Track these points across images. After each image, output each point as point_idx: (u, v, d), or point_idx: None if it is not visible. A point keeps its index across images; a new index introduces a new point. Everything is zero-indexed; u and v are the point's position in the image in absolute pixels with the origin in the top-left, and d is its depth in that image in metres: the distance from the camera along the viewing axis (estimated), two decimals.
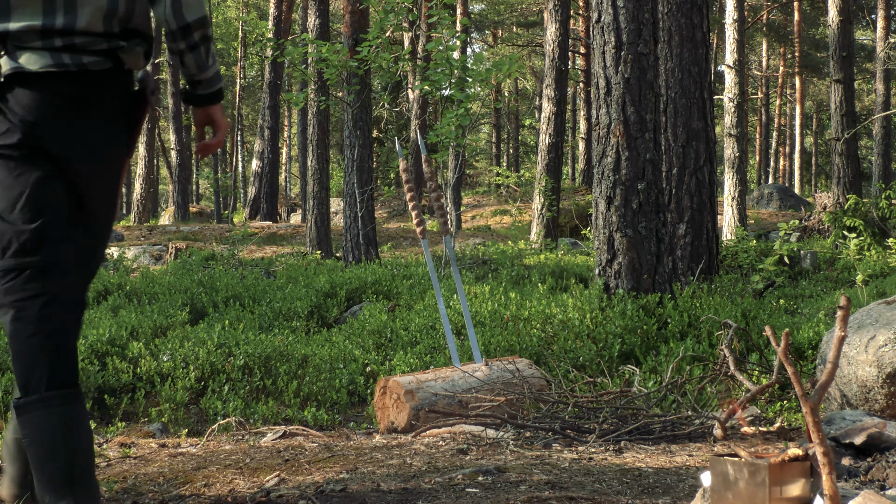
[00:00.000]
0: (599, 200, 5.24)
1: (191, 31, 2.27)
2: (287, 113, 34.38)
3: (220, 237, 16.31)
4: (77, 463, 2.05)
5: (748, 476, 1.93)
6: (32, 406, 2.07)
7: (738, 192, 14.63)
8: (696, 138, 7.73)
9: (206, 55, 2.31)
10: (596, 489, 2.40)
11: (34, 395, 2.08)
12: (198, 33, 2.27)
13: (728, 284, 7.23)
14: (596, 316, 4.78)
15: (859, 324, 3.22)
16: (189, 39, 2.28)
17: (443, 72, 8.74)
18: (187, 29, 2.26)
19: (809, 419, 1.81)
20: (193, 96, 2.39)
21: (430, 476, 2.50)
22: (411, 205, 3.90)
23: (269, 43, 15.12)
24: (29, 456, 2.07)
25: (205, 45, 2.30)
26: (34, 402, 2.07)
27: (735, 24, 15.18)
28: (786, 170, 38.31)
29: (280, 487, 2.41)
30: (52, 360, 2.11)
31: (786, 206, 22.58)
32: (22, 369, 2.10)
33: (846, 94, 14.75)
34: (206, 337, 4.96)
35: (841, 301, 1.83)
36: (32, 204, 2.15)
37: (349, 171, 10.81)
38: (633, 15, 5.22)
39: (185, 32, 2.27)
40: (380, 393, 3.54)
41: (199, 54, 2.30)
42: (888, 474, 2.34)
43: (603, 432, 3.12)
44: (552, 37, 14.97)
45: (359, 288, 7.10)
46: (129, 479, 2.59)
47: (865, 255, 10.31)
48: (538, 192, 14.77)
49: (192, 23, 2.25)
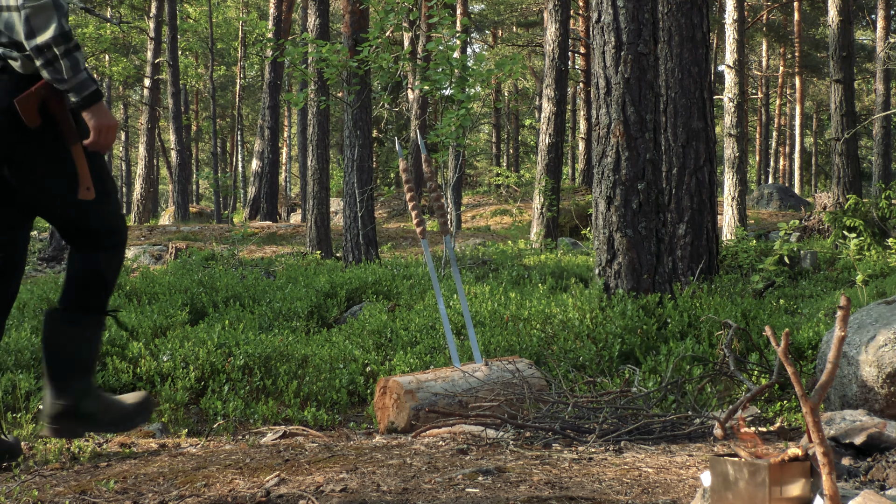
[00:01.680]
0: (599, 200, 5.24)
1: (43, 51, 2.61)
2: (287, 113, 34.38)
3: (220, 237, 16.31)
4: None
5: (748, 476, 1.93)
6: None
7: (738, 192, 14.63)
8: (696, 138, 7.73)
9: (64, 69, 2.63)
10: (596, 489, 2.40)
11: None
12: (51, 52, 2.61)
13: (728, 284, 7.23)
14: (596, 316, 4.78)
15: (859, 324, 3.22)
16: (43, 57, 2.61)
17: (443, 72, 8.73)
18: (39, 50, 2.60)
19: (809, 419, 1.81)
20: (71, 104, 2.73)
21: (430, 476, 2.50)
22: (411, 205, 3.90)
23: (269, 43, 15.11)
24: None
25: (64, 59, 2.63)
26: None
27: (735, 24, 15.18)
28: (786, 170, 38.31)
29: (280, 487, 2.41)
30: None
31: (786, 206, 22.58)
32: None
33: (846, 94, 14.75)
34: (206, 337, 4.96)
35: (841, 301, 1.83)
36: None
37: (349, 171, 10.81)
38: (633, 15, 5.22)
39: (38, 52, 2.61)
40: (380, 393, 3.54)
41: (55, 70, 2.63)
42: (888, 474, 2.34)
43: (603, 432, 3.12)
44: (552, 37, 14.97)
45: (359, 288, 7.10)
46: (129, 479, 2.59)
47: (865, 255, 10.30)
48: (538, 192, 14.77)
49: (42, 44, 2.60)
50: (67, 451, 3.06)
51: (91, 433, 2.96)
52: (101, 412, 2.90)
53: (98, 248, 2.93)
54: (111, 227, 2.94)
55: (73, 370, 2.91)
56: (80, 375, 2.92)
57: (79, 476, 2.68)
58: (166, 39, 22.56)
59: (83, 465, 2.85)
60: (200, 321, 6.12)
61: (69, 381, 2.89)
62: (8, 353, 4.15)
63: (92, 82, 2.71)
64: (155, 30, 23.13)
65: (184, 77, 25.41)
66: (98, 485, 2.52)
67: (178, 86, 22.90)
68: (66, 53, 2.63)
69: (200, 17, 28.92)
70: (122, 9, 26.32)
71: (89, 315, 2.94)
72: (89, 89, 2.70)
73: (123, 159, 39.98)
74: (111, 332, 4.96)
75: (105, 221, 2.93)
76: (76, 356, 2.93)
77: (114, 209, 2.95)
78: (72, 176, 2.80)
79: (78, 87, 2.67)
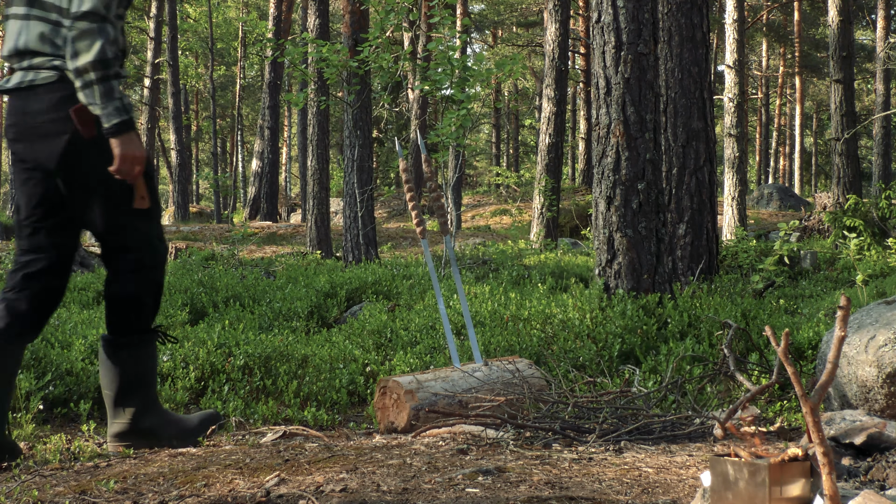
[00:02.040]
0: (599, 200, 5.24)
1: (81, 73, 2.72)
2: (287, 113, 34.38)
3: (220, 237, 16.32)
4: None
5: (748, 476, 1.94)
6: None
7: (738, 192, 14.63)
8: (696, 138, 7.72)
9: (97, 95, 2.73)
10: (596, 489, 2.40)
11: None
12: (88, 76, 2.71)
13: (728, 284, 7.23)
14: (596, 316, 4.78)
15: (859, 324, 3.22)
16: (81, 79, 2.72)
17: (443, 72, 8.73)
18: (78, 72, 2.72)
19: (809, 419, 1.81)
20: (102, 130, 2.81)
21: (430, 476, 2.50)
22: (411, 205, 3.90)
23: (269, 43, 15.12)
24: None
25: (99, 85, 2.72)
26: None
27: (735, 24, 15.18)
28: (786, 170, 38.32)
29: (280, 487, 2.41)
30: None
31: (786, 206, 22.59)
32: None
33: (846, 94, 14.75)
34: (206, 337, 4.95)
35: (841, 301, 1.83)
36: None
37: (349, 171, 10.81)
38: (633, 15, 5.22)
39: (76, 74, 2.72)
40: (380, 393, 3.54)
41: (90, 94, 2.73)
42: (888, 474, 2.34)
43: (603, 432, 3.12)
44: (552, 37, 14.97)
45: (359, 288, 7.09)
46: (129, 479, 2.59)
47: (865, 255, 10.31)
48: (538, 192, 14.77)
49: (81, 67, 2.71)
50: (67, 451, 3.06)
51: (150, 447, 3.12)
52: (161, 427, 3.10)
53: (132, 268, 3.02)
54: (146, 247, 3.02)
55: (126, 390, 3.08)
56: (135, 394, 3.10)
57: (79, 476, 2.68)
58: (166, 39, 22.57)
59: (83, 465, 2.85)
60: (200, 321, 6.12)
61: (125, 400, 3.07)
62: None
63: (122, 112, 2.77)
64: (155, 30, 23.14)
65: (184, 77, 25.41)
66: (98, 485, 2.52)
67: (178, 86, 22.91)
68: (102, 79, 2.72)
69: (200, 17, 28.93)
70: None
71: (131, 336, 3.08)
72: (120, 118, 2.77)
73: None
74: None
75: (141, 240, 3.02)
76: (127, 377, 3.08)
77: (152, 231, 3.02)
78: (119, 189, 2.89)
79: (108, 114, 2.75)
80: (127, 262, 3.02)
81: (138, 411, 3.07)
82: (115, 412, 3.08)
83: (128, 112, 2.79)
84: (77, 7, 2.74)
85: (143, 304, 3.06)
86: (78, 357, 4.29)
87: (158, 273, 3.09)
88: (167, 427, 3.13)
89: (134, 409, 3.07)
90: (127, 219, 2.96)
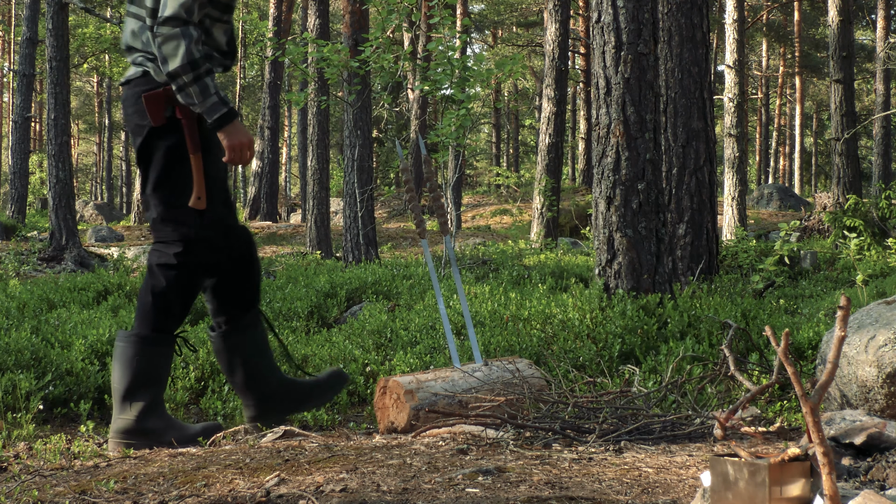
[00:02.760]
0: (599, 200, 5.24)
1: (174, 78, 2.88)
2: (287, 113, 34.37)
3: None
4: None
5: (748, 476, 1.94)
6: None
7: (738, 192, 14.63)
8: (696, 138, 7.72)
9: (194, 94, 2.89)
10: (596, 489, 2.40)
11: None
12: (181, 79, 2.87)
13: (728, 284, 7.23)
14: (596, 316, 4.78)
15: (859, 324, 3.22)
16: (175, 83, 2.89)
17: (444, 72, 8.73)
18: (171, 76, 2.88)
19: (809, 419, 1.81)
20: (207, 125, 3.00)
21: (430, 476, 2.50)
22: (411, 205, 3.90)
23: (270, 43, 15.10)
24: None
25: (194, 85, 2.88)
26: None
27: (735, 24, 15.18)
28: (786, 170, 38.31)
29: (280, 487, 2.41)
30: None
31: (786, 206, 22.59)
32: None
33: (846, 94, 14.75)
34: (206, 337, 4.95)
35: (841, 301, 1.83)
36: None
37: (349, 171, 10.81)
38: (633, 15, 5.22)
39: (170, 78, 2.89)
40: (380, 393, 3.54)
41: (187, 95, 2.90)
42: (888, 474, 2.34)
43: (603, 432, 3.12)
44: (552, 37, 14.97)
45: (359, 288, 7.09)
46: (129, 479, 2.59)
47: (865, 255, 10.31)
48: (538, 192, 14.76)
49: (173, 72, 2.87)
50: (67, 451, 3.06)
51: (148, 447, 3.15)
52: (162, 430, 3.13)
53: (166, 265, 3.10)
54: (187, 245, 3.08)
55: (134, 388, 3.11)
56: (143, 393, 3.12)
57: (79, 476, 2.68)
58: None
59: (83, 465, 2.85)
60: (200, 321, 6.12)
61: (131, 398, 3.10)
62: (8, 353, 4.15)
63: (223, 105, 2.93)
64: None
65: None
66: (98, 485, 2.52)
67: None
68: (195, 80, 2.88)
69: None
70: (122, 9, 26.31)
71: (148, 335, 3.11)
72: (220, 112, 2.93)
73: (123, 159, 39.93)
74: (111, 331, 4.96)
75: (179, 237, 3.09)
76: (136, 375, 3.11)
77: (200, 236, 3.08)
78: (177, 181, 3.03)
79: (209, 110, 2.92)
80: (161, 252, 3.11)
81: (144, 409, 3.09)
82: (122, 407, 3.10)
83: (226, 104, 2.94)
84: (161, 12, 2.89)
85: (167, 304, 3.10)
86: (78, 357, 4.29)
87: (189, 276, 3.12)
88: (168, 432, 3.14)
89: (141, 405, 3.09)
90: (176, 214, 3.07)
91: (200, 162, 3.00)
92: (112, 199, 39.27)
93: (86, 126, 43.38)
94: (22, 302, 6.30)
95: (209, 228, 3.09)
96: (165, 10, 2.87)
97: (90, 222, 24.65)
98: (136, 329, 3.12)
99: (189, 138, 2.99)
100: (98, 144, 40.04)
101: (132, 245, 14.72)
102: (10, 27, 29.93)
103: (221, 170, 3.14)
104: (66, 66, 12.09)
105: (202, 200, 3.01)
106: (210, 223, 3.09)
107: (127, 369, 3.09)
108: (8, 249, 12.13)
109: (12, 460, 2.93)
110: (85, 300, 6.66)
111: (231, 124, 2.95)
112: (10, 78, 31.94)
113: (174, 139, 3.01)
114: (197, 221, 3.06)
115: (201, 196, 3.01)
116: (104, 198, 38.07)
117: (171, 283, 3.10)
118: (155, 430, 3.11)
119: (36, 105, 29.66)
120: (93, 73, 34.63)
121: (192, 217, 3.05)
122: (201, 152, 3.01)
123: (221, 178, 3.15)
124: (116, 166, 42.48)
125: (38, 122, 30.06)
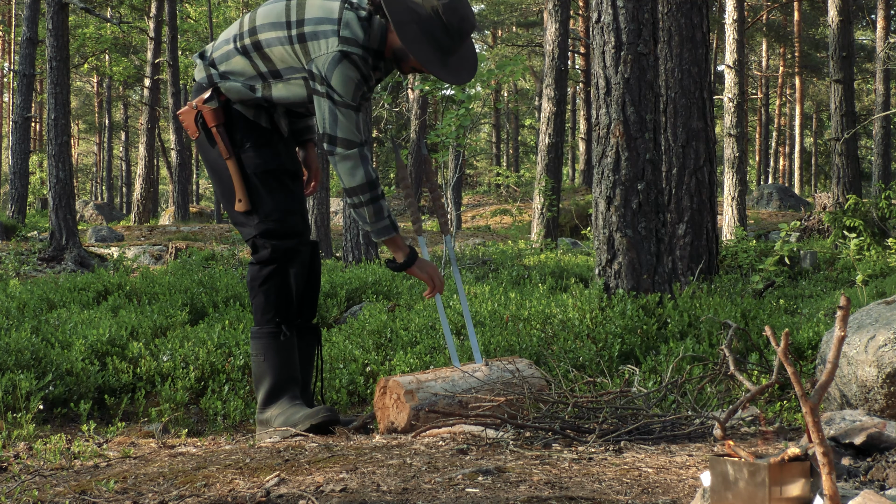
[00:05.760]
0: (599, 200, 5.24)
1: (351, 195, 3.09)
2: None
3: (220, 237, 16.31)
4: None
5: (748, 476, 1.94)
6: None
7: (738, 192, 14.63)
8: (696, 138, 7.72)
9: (368, 215, 3.10)
10: (596, 489, 2.40)
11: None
12: (357, 198, 3.08)
13: (728, 284, 7.23)
14: (596, 316, 4.78)
15: (859, 324, 3.22)
16: (351, 200, 3.10)
17: None
18: (348, 192, 3.08)
19: (809, 419, 1.81)
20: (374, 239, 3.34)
21: (430, 476, 2.50)
22: (408, 202, 3.89)
23: None
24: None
25: (368, 206, 3.08)
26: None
27: (735, 24, 15.18)
28: (786, 170, 38.31)
29: (280, 487, 2.41)
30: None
31: (786, 206, 22.60)
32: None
33: (846, 94, 14.75)
34: (206, 337, 4.96)
35: (841, 301, 1.83)
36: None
37: None
38: (632, 15, 5.22)
39: (348, 194, 3.09)
40: (380, 393, 3.54)
41: (360, 214, 3.11)
42: (888, 474, 2.34)
43: (603, 432, 3.12)
44: (552, 37, 14.97)
45: (359, 288, 7.09)
46: (129, 479, 2.59)
47: (865, 255, 10.31)
48: (538, 192, 14.76)
49: (350, 189, 3.08)
50: (67, 451, 3.06)
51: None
52: (272, 421, 3.28)
53: (251, 264, 3.29)
54: (253, 244, 3.25)
55: (257, 384, 3.32)
56: (258, 386, 3.31)
57: (79, 476, 2.68)
58: (166, 39, 22.55)
59: (83, 464, 2.85)
60: (200, 321, 6.12)
61: (257, 387, 3.31)
62: (8, 353, 4.15)
63: (391, 230, 3.17)
64: (155, 30, 23.13)
65: (184, 77, 25.41)
66: (98, 485, 2.52)
67: (178, 86, 22.88)
68: (371, 201, 3.08)
69: (200, 17, 28.91)
70: (122, 9, 26.32)
71: (258, 329, 3.28)
72: (388, 235, 3.17)
73: (123, 159, 39.95)
74: (111, 331, 4.96)
75: (247, 237, 3.27)
76: (257, 370, 3.31)
77: (259, 231, 3.20)
78: (226, 189, 3.20)
79: (377, 232, 3.16)
80: (252, 250, 3.29)
81: (260, 402, 3.29)
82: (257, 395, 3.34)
83: (395, 229, 3.17)
84: (324, 126, 3.02)
85: (255, 296, 3.25)
86: (78, 357, 4.29)
87: (269, 270, 3.23)
88: (280, 422, 3.27)
89: (259, 398, 3.29)
90: (235, 214, 3.22)
91: (235, 166, 3.12)
92: (112, 199, 39.26)
93: (86, 126, 43.38)
94: (22, 302, 6.30)
95: (266, 221, 3.21)
96: (336, 129, 2.99)
97: (90, 222, 24.65)
98: (255, 324, 3.32)
99: (221, 144, 3.12)
100: (98, 144, 40.03)
101: (132, 245, 14.72)
102: (10, 27, 29.94)
103: (266, 162, 3.19)
104: (66, 66, 12.09)
105: (243, 203, 3.15)
106: (265, 216, 3.21)
107: (253, 364, 3.32)
108: (8, 249, 12.13)
109: (12, 460, 2.93)
110: (85, 300, 6.66)
111: (393, 244, 3.17)
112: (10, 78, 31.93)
113: (214, 150, 3.15)
114: (252, 220, 3.20)
115: (242, 199, 3.14)
116: (104, 198, 38.06)
117: (252, 279, 3.27)
118: (268, 420, 3.30)
119: (36, 105, 29.65)
120: (93, 73, 34.64)
121: (246, 218, 3.21)
122: (234, 155, 3.13)
123: (269, 169, 3.20)
124: (116, 166, 42.49)
125: (39, 122, 30.06)
